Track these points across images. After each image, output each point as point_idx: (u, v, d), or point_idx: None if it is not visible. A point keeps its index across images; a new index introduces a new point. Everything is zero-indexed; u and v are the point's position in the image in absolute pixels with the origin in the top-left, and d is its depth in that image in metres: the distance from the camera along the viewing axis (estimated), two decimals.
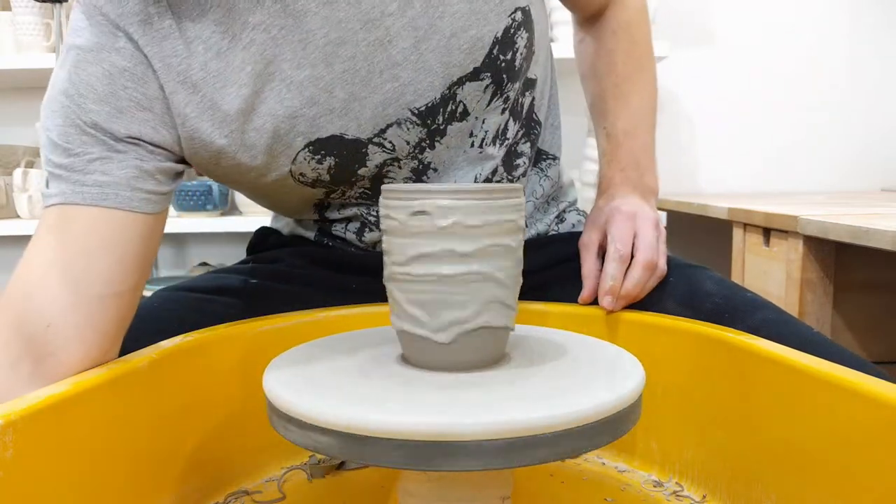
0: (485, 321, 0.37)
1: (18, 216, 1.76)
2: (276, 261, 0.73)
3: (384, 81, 0.59)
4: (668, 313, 0.55)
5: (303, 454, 0.54)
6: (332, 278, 0.69)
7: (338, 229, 0.71)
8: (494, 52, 0.61)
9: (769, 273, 1.17)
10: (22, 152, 1.87)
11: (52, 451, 0.36)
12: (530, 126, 0.72)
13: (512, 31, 0.62)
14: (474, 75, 0.61)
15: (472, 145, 0.65)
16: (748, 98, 1.95)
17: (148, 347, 0.46)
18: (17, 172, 1.72)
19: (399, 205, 0.37)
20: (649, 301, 0.60)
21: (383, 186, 0.39)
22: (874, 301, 1.10)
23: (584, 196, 1.67)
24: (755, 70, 1.94)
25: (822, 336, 0.53)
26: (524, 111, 0.70)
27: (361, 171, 0.63)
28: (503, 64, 0.62)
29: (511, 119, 0.67)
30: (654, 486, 0.50)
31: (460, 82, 0.61)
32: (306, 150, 0.59)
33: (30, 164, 1.76)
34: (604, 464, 0.53)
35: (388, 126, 0.61)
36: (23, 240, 2.22)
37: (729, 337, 0.46)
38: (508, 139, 0.67)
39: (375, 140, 0.62)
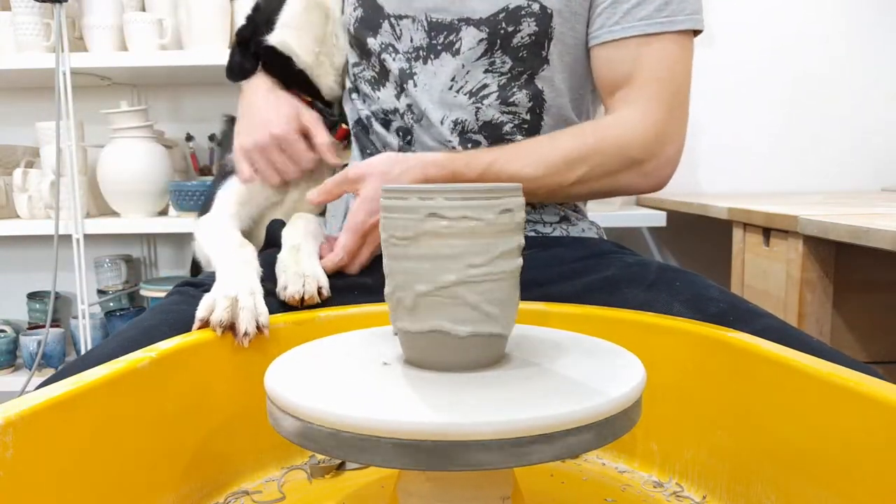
0: (480, 322, 0.37)
1: (18, 216, 1.76)
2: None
3: None
4: (674, 314, 0.55)
5: (303, 454, 0.54)
6: None
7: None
8: (500, 16, 0.73)
9: (769, 273, 1.17)
10: (22, 152, 1.87)
11: (52, 451, 0.36)
12: (527, 124, 0.77)
13: (522, 11, 0.73)
14: (478, 24, 0.74)
15: (451, 89, 0.76)
16: (748, 98, 1.95)
17: (148, 347, 0.46)
18: (17, 172, 1.72)
19: (394, 204, 0.38)
20: (655, 302, 0.60)
21: (383, 186, 0.39)
22: (874, 301, 1.10)
23: None
24: (755, 70, 1.94)
25: (824, 344, 0.54)
26: (521, 106, 0.76)
27: (370, 40, 0.80)
28: (503, 32, 0.73)
29: (496, 95, 0.76)
30: (655, 487, 0.50)
31: (467, 21, 0.74)
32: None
33: (30, 164, 1.76)
34: (604, 464, 0.53)
35: (406, 16, 0.77)
36: (23, 240, 2.22)
37: (729, 337, 0.46)
38: (483, 105, 0.76)
39: (392, 20, 0.78)
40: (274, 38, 0.84)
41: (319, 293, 0.62)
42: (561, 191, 0.73)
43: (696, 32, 0.77)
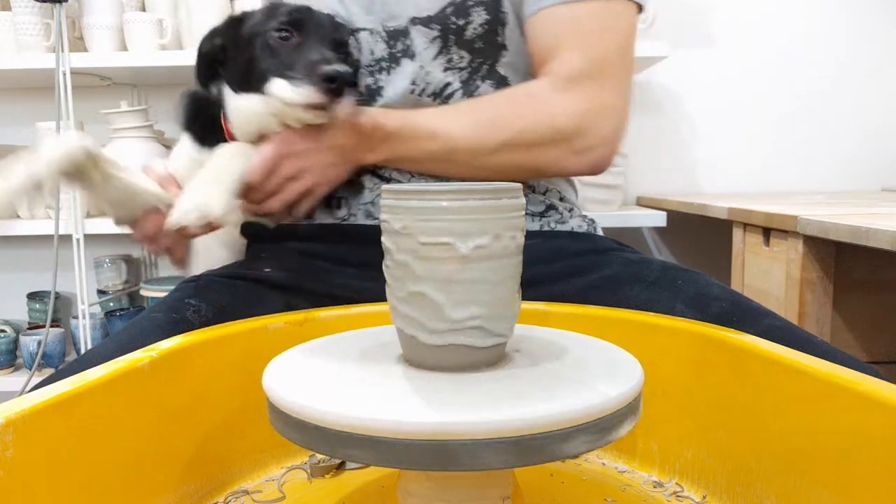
0: (477, 324, 0.37)
1: (18, 216, 1.76)
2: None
3: None
4: (676, 314, 0.55)
5: (303, 454, 0.54)
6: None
7: None
8: (448, 10, 0.71)
9: (769, 273, 1.17)
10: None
11: (52, 451, 0.36)
12: None
13: (470, 2, 0.71)
14: (426, 22, 0.72)
15: (413, 92, 0.74)
16: (748, 98, 1.95)
17: (147, 347, 0.46)
18: None
19: (389, 205, 0.38)
20: (657, 301, 0.60)
21: (383, 186, 0.39)
22: (874, 301, 1.10)
23: (585, 196, 1.67)
24: (755, 70, 1.94)
25: (829, 345, 0.53)
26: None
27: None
28: (454, 27, 0.72)
29: (461, 91, 0.74)
30: (655, 487, 0.50)
31: (415, 22, 0.73)
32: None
33: None
34: (604, 464, 0.53)
35: (363, 29, 0.75)
36: (23, 240, 2.22)
37: (729, 337, 0.46)
38: (451, 104, 0.74)
39: (354, 34, 0.75)
40: None
41: (210, 227, 0.61)
42: (483, 158, 0.69)
43: (640, 8, 0.71)
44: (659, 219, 1.66)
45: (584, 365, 0.39)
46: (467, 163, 0.71)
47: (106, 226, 1.69)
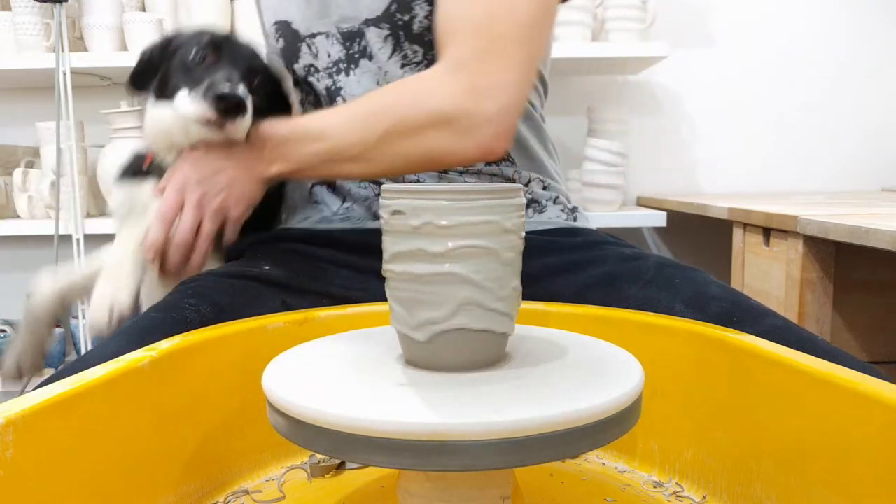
0: (460, 323, 0.37)
1: (18, 216, 1.76)
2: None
3: None
4: (676, 314, 0.55)
5: (303, 454, 0.54)
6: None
7: None
8: (392, 8, 0.73)
9: (769, 273, 1.17)
10: (22, 152, 1.87)
11: (52, 451, 0.36)
12: None
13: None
14: (376, 22, 0.74)
15: None
16: (748, 98, 1.96)
17: (148, 347, 0.46)
18: (17, 172, 1.72)
19: (384, 203, 0.38)
20: (657, 301, 0.60)
21: (383, 186, 0.39)
22: (874, 301, 1.10)
23: (585, 196, 1.67)
24: (755, 70, 1.94)
25: (830, 345, 0.53)
26: None
27: (296, 67, 0.80)
28: (401, 23, 0.73)
29: None
30: (655, 487, 0.50)
31: (367, 23, 0.74)
32: (273, 25, 0.80)
33: (30, 164, 1.76)
34: (604, 464, 0.53)
35: (318, 33, 0.77)
36: (23, 240, 2.22)
37: (729, 337, 0.46)
38: None
39: (308, 41, 0.78)
40: None
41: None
42: (370, 152, 0.67)
43: None
44: (659, 219, 1.66)
45: (584, 365, 0.39)
46: (357, 159, 0.68)
47: (106, 226, 1.69)
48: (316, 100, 0.81)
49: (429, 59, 0.74)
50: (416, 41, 0.74)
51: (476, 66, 0.64)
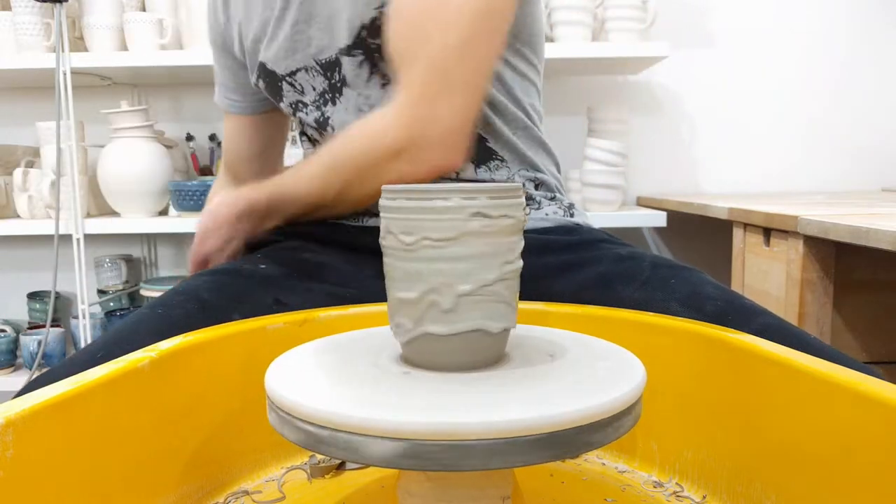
0: (478, 324, 0.37)
1: (18, 216, 1.76)
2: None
3: (295, 32, 0.76)
4: (672, 314, 0.55)
5: (303, 454, 0.54)
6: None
7: None
8: (362, 34, 0.73)
9: (769, 273, 1.17)
10: (22, 152, 1.87)
11: (52, 451, 0.36)
12: None
13: (377, 21, 0.71)
14: (348, 50, 0.74)
15: (362, 118, 0.74)
16: (748, 98, 1.96)
17: (148, 347, 0.46)
18: (17, 172, 1.72)
19: (389, 205, 0.38)
20: (652, 301, 0.60)
21: (383, 186, 0.39)
22: (874, 301, 1.10)
23: (585, 196, 1.67)
24: (755, 70, 1.95)
25: (823, 343, 0.53)
26: None
27: (282, 105, 0.82)
28: (373, 46, 0.73)
29: None
30: (655, 487, 0.50)
31: (341, 52, 0.74)
32: (254, 72, 0.82)
33: (30, 164, 1.76)
34: (604, 464, 0.53)
35: (297, 70, 0.78)
36: (23, 240, 2.22)
37: (729, 337, 0.46)
38: None
39: (288, 79, 0.79)
40: None
41: None
42: (343, 198, 0.73)
43: None
44: (659, 219, 1.66)
45: (584, 364, 0.39)
46: (334, 206, 0.75)
47: (106, 226, 1.69)
48: (305, 130, 0.84)
49: None
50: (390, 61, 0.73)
51: (419, 95, 0.66)
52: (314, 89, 0.78)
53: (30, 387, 0.51)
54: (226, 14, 0.86)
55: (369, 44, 0.73)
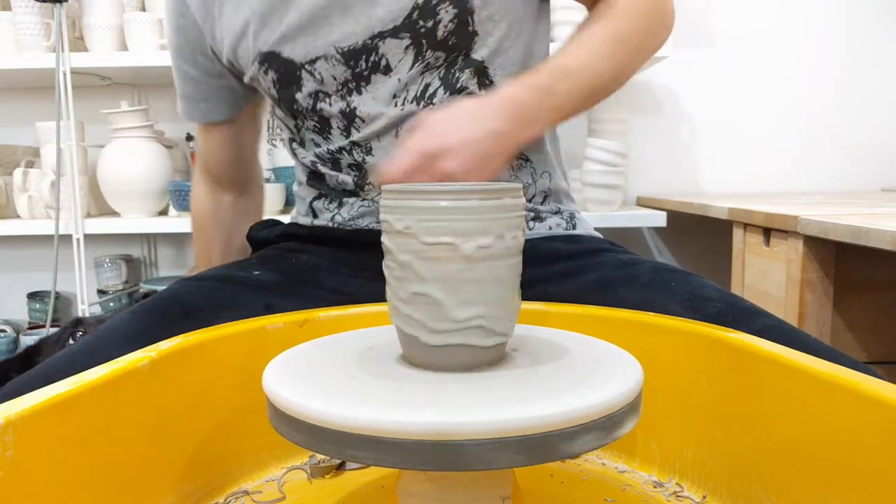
0: (479, 323, 0.37)
1: (18, 216, 1.76)
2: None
3: (316, 18, 0.71)
4: (672, 315, 0.55)
5: (303, 454, 0.54)
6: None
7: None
8: (414, 16, 0.69)
9: (769, 273, 1.17)
10: (22, 152, 1.87)
11: (52, 451, 0.36)
12: (486, 91, 0.75)
13: (434, 2, 0.69)
14: (394, 33, 0.70)
15: (395, 105, 0.72)
16: (748, 98, 1.95)
17: (147, 347, 0.46)
18: (17, 172, 1.72)
19: (390, 205, 0.38)
20: (652, 302, 0.60)
21: (384, 186, 0.39)
22: (874, 301, 1.10)
23: (585, 196, 1.67)
24: (755, 70, 1.94)
25: (822, 343, 0.53)
26: (469, 83, 0.74)
27: (298, 96, 0.75)
28: (423, 30, 0.70)
29: (442, 88, 0.73)
30: (655, 487, 0.50)
31: (380, 36, 0.70)
32: (255, 62, 0.75)
33: (30, 164, 1.76)
34: (604, 464, 0.53)
35: (317, 58, 0.72)
36: (23, 240, 2.22)
37: (729, 337, 0.46)
38: (435, 103, 0.73)
39: (307, 67, 0.73)
40: None
41: None
42: (619, 82, 0.74)
43: None
44: (659, 219, 1.66)
45: (584, 364, 0.39)
46: (610, 86, 0.74)
47: (106, 226, 1.69)
48: (322, 123, 0.77)
49: (449, 61, 0.72)
50: (439, 47, 0.71)
51: None
52: (335, 79, 0.73)
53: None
54: (205, 9, 0.78)
55: (420, 27, 0.69)
